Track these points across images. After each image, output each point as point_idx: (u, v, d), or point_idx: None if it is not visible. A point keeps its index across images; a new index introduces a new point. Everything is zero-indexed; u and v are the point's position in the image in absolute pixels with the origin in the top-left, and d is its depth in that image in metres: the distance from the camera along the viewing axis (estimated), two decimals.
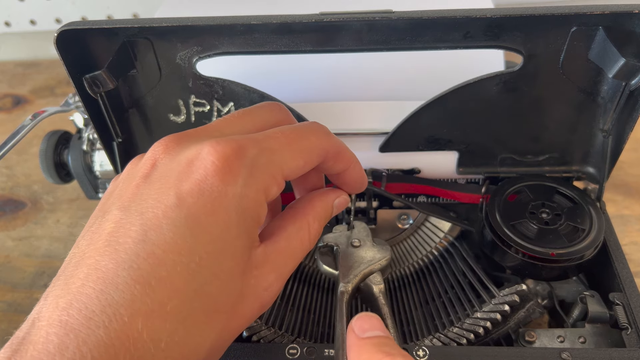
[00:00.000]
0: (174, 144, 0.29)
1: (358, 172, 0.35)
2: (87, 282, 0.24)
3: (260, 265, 0.29)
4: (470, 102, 0.41)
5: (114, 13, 0.87)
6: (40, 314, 0.25)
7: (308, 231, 0.32)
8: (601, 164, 0.42)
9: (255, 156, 0.28)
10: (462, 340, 0.37)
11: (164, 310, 0.25)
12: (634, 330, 0.35)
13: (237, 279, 0.28)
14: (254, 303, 0.29)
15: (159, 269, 0.25)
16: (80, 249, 0.27)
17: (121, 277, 0.24)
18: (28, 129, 0.48)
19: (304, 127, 0.32)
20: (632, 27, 0.35)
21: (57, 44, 0.35)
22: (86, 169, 0.50)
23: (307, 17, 0.35)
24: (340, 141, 0.33)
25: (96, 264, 0.25)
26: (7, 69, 0.93)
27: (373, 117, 0.42)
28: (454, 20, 0.35)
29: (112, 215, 0.27)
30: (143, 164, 0.29)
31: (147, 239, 0.25)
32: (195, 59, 0.39)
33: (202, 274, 0.26)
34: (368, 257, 0.37)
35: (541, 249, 0.38)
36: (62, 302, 0.24)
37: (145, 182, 0.28)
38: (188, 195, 0.26)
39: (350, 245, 0.38)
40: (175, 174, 0.27)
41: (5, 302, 0.56)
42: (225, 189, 0.27)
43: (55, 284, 0.26)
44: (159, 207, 0.26)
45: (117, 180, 0.31)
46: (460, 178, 0.46)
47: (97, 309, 0.24)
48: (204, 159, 0.27)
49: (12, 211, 0.67)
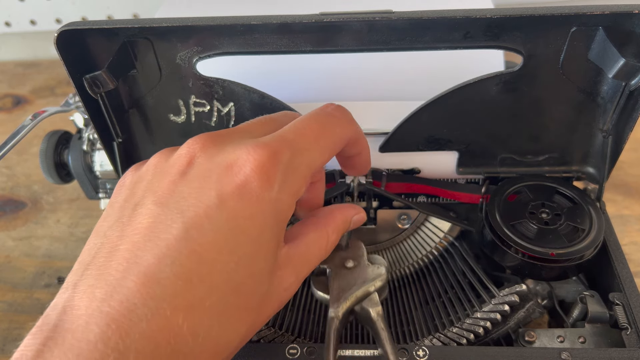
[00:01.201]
0: (211, 143, 0.30)
1: (367, 155, 0.37)
2: (128, 275, 0.25)
3: (284, 266, 0.31)
4: (470, 102, 0.41)
5: (114, 13, 0.87)
6: (72, 302, 0.25)
7: (327, 240, 0.34)
8: (601, 164, 0.42)
9: (289, 160, 0.30)
10: (462, 340, 0.37)
11: (203, 306, 0.26)
12: (634, 330, 0.35)
13: (266, 279, 0.29)
14: (275, 302, 0.30)
15: (200, 266, 0.26)
16: (110, 240, 0.27)
17: (164, 273, 0.25)
18: (28, 129, 0.48)
19: (329, 117, 0.33)
20: (632, 27, 0.35)
21: (57, 44, 0.35)
22: (86, 169, 0.50)
23: (307, 17, 0.35)
24: (359, 126, 0.35)
25: (136, 258, 0.25)
26: (7, 69, 0.93)
27: (373, 117, 0.42)
28: (454, 20, 0.35)
29: (147, 209, 0.27)
30: (178, 159, 0.30)
31: (189, 237, 0.26)
32: (196, 59, 0.39)
33: (239, 273, 0.27)
34: (361, 279, 0.36)
35: (541, 249, 0.38)
36: (99, 292, 0.25)
37: (182, 179, 0.28)
38: (229, 197, 0.27)
39: (343, 266, 0.37)
40: (215, 175, 0.28)
41: (6, 302, 0.56)
42: (262, 194, 0.28)
43: (85, 274, 0.26)
44: (200, 206, 0.27)
45: (141, 172, 0.31)
46: (460, 178, 0.46)
47: (139, 302, 0.24)
48: (243, 165, 0.28)
49: (13, 211, 0.67)
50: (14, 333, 0.53)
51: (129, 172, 0.32)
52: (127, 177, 0.32)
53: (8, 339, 0.52)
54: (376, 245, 0.48)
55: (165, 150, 0.32)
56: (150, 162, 0.31)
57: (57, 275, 0.58)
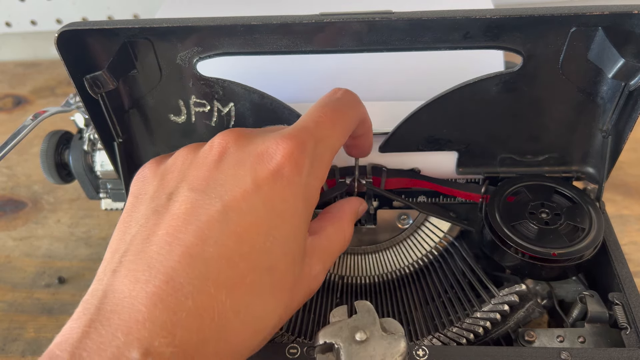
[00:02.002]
0: (242, 136, 0.32)
1: (371, 136, 0.39)
2: (171, 256, 0.26)
3: (311, 254, 0.33)
4: (470, 102, 0.41)
5: (114, 13, 0.87)
6: (113, 286, 0.26)
7: (344, 233, 0.37)
8: (601, 164, 0.42)
9: (314, 148, 0.32)
10: (461, 340, 0.37)
11: (244, 283, 0.27)
12: (634, 330, 0.35)
13: (298, 260, 0.31)
14: (305, 288, 0.32)
15: (241, 246, 0.27)
16: (146, 227, 0.28)
17: (208, 252, 0.26)
18: (29, 129, 0.48)
19: (343, 102, 0.35)
20: (632, 28, 0.35)
21: (57, 45, 0.35)
22: (87, 169, 0.50)
23: (307, 18, 0.35)
24: (364, 107, 0.37)
25: (178, 240, 0.27)
26: (8, 69, 0.93)
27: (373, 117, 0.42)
28: (454, 20, 0.35)
29: (184, 196, 0.29)
30: (210, 150, 0.31)
31: (229, 219, 0.28)
32: (196, 59, 0.39)
33: (275, 252, 0.29)
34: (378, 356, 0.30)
35: (541, 249, 0.38)
36: (142, 275, 0.25)
37: (217, 168, 0.30)
38: (264, 181, 0.29)
39: (354, 340, 0.30)
40: (249, 163, 0.30)
41: (6, 302, 0.56)
42: (294, 179, 0.30)
43: (125, 260, 0.27)
44: (237, 190, 0.29)
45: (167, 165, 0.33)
46: (460, 178, 0.46)
47: (185, 280, 0.25)
48: (274, 153, 0.30)
49: (13, 211, 0.67)
50: (14, 333, 0.53)
51: (149, 166, 0.34)
52: (149, 170, 0.33)
53: (8, 339, 0.52)
54: (376, 245, 0.48)
55: (191, 145, 0.34)
56: (177, 155, 0.33)
57: (57, 275, 0.58)
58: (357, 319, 0.31)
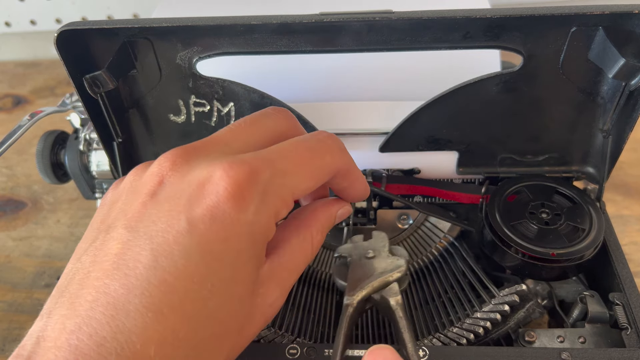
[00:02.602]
0: (182, 160, 0.28)
1: (360, 185, 0.34)
2: (97, 306, 0.24)
3: (267, 282, 0.29)
4: (470, 102, 0.41)
5: (114, 13, 0.87)
6: (45, 332, 0.24)
7: (311, 243, 0.32)
8: (601, 164, 0.42)
9: (268, 180, 0.28)
10: (462, 340, 0.37)
11: (176, 337, 0.24)
12: (634, 330, 0.35)
13: (246, 301, 0.28)
14: (259, 320, 0.29)
15: (171, 296, 0.25)
16: (83, 265, 0.26)
17: (133, 304, 0.24)
18: (25, 129, 0.48)
19: (319, 143, 0.31)
20: (632, 27, 0.35)
21: (57, 44, 0.35)
22: (83, 169, 0.50)
23: (307, 18, 0.35)
24: (351, 157, 0.33)
25: (105, 287, 0.24)
26: (7, 69, 0.93)
27: (373, 117, 0.42)
28: (454, 20, 0.35)
29: (118, 233, 0.26)
30: (149, 179, 0.28)
31: (158, 266, 0.25)
32: (196, 59, 0.39)
33: (213, 300, 0.26)
34: (380, 269, 0.36)
35: (541, 249, 0.38)
36: (69, 323, 0.24)
37: (152, 201, 0.27)
38: (200, 221, 0.26)
39: (364, 256, 0.37)
40: (186, 196, 0.27)
41: (6, 302, 0.56)
42: (237, 216, 0.26)
43: (59, 302, 0.25)
44: (169, 231, 0.26)
45: (118, 190, 0.30)
46: (460, 178, 0.46)
47: (109, 335, 0.23)
48: (216, 184, 0.27)
49: (13, 211, 0.67)
50: (14, 333, 0.53)
51: (110, 189, 0.31)
52: (108, 195, 0.31)
53: (8, 339, 0.52)
54: None
55: (141, 166, 0.30)
56: (126, 180, 0.30)
57: (57, 275, 0.58)
58: (371, 242, 0.38)
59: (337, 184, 0.33)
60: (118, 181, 0.32)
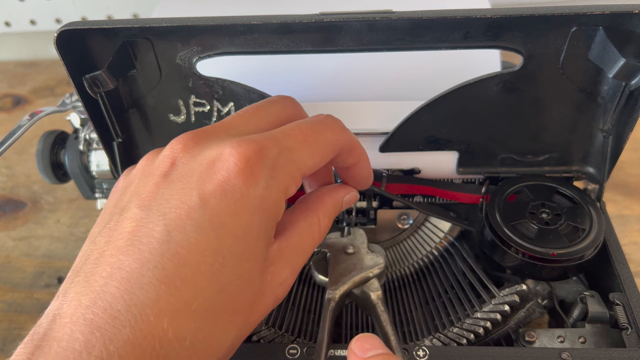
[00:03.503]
0: (193, 142, 0.29)
1: (366, 167, 0.36)
2: (111, 281, 0.25)
3: (276, 261, 0.30)
4: (470, 102, 0.41)
5: (114, 13, 0.87)
6: (61, 310, 0.25)
7: (318, 227, 0.33)
8: (601, 164, 0.42)
9: (276, 156, 0.29)
10: (462, 341, 0.37)
11: (189, 309, 0.25)
12: (634, 330, 0.35)
13: (256, 277, 0.28)
14: (269, 298, 0.30)
15: (183, 269, 0.25)
16: (98, 246, 0.27)
17: (146, 277, 0.25)
18: (25, 129, 0.48)
19: (320, 122, 0.32)
20: (632, 27, 0.35)
21: (57, 44, 0.35)
22: (83, 169, 0.50)
23: (307, 17, 0.34)
24: (354, 135, 0.34)
25: (119, 262, 0.25)
26: (7, 69, 0.93)
27: (373, 117, 0.42)
28: (454, 20, 0.35)
29: (132, 213, 0.27)
30: (161, 161, 0.29)
31: (171, 240, 0.26)
32: (195, 59, 0.39)
33: (225, 274, 0.26)
34: (360, 265, 0.37)
35: (541, 249, 0.38)
36: (85, 299, 0.24)
37: (165, 181, 0.28)
38: (211, 196, 0.27)
39: (344, 252, 0.38)
40: (197, 174, 0.27)
41: (6, 302, 0.56)
42: (247, 191, 0.27)
43: (75, 281, 0.26)
44: (182, 207, 0.26)
45: (130, 176, 0.31)
46: (460, 178, 0.46)
47: (123, 308, 0.24)
48: (226, 160, 0.27)
49: (12, 211, 0.67)
50: (14, 333, 0.53)
51: (122, 176, 0.32)
52: (120, 181, 0.32)
53: (8, 339, 0.52)
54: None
55: (152, 152, 0.31)
56: (138, 166, 0.31)
57: (57, 275, 0.58)
58: (350, 238, 0.39)
59: (343, 161, 0.34)
60: (129, 169, 0.32)
